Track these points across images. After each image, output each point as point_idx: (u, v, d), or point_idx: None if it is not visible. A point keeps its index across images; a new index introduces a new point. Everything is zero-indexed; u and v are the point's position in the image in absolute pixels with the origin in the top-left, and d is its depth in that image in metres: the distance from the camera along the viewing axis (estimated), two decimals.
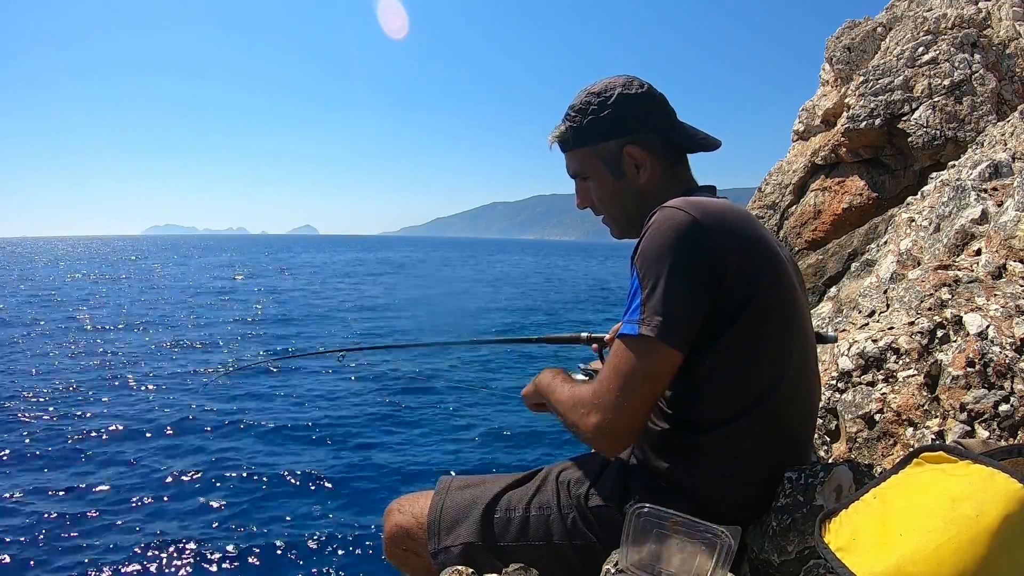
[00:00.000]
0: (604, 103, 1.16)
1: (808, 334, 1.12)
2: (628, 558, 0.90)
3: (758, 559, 1.02)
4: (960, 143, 3.42)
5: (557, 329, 1.74)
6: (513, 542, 1.15)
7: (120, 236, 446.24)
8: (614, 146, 1.17)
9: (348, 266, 48.67)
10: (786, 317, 1.05)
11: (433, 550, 1.18)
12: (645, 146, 1.16)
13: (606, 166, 1.19)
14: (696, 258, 0.97)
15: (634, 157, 1.16)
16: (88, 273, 38.63)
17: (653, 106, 1.18)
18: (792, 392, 1.06)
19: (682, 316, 0.96)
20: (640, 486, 1.09)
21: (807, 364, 1.11)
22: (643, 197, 1.16)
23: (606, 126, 1.17)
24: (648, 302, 0.97)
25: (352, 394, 9.22)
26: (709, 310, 0.99)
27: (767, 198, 4.68)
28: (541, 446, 7.17)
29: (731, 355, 1.01)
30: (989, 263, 1.59)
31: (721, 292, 0.98)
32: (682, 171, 1.21)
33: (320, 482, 6.09)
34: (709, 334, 1.00)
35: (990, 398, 1.19)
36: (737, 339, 1.00)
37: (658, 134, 1.18)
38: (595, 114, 1.17)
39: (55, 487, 5.81)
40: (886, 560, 0.68)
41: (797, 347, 1.07)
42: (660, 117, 1.19)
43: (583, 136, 1.19)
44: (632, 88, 1.17)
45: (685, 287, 0.97)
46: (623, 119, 1.16)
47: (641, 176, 1.17)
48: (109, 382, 9.78)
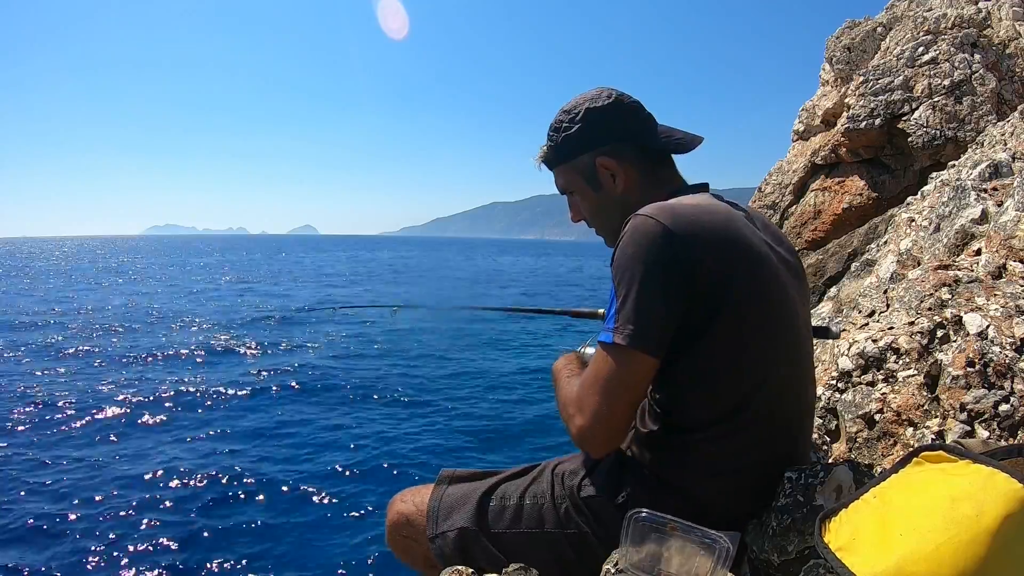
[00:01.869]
0: (573, 119, 1.22)
1: (800, 332, 1.11)
2: (628, 558, 0.90)
3: (758, 559, 1.02)
4: (960, 143, 3.42)
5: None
6: (506, 529, 1.18)
7: (120, 236, 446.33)
8: (587, 159, 1.22)
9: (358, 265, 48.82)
10: (771, 317, 1.05)
11: (431, 535, 1.23)
12: (616, 155, 1.21)
13: (584, 179, 1.24)
14: (665, 266, 0.99)
15: (607, 167, 1.21)
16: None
17: (621, 115, 1.22)
18: (781, 392, 1.06)
19: (654, 324, 0.99)
20: (633, 479, 1.11)
21: (798, 363, 1.11)
22: (624, 205, 1.18)
23: (577, 141, 1.22)
24: (621, 311, 1.00)
25: (353, 395, 9.23)
26: (683, 316, 1.00)
27: (767, 198, 4.68)
28: (544, 442, 7.19)
29: (711, 359, 1.02)
30: (989, 263, 1.59)
31: (694, 298, 0.99)
32: (665, 173, 1.23)
33: (323, 478, 6.11)
34: (687, 339, 1.02)
35: (990, 398, 1.19)
36: (716, 343, 1.01)
37: (630, 141, 1.21)
38: (567, 131, 1.22)
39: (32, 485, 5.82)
40: (886, 560, 0.68)
41: (785, 347, 1.07)
42: (630, 124, 1.22)
43: (560, 153, 1.25)
44: (599, 101, 1.21)
45: (656, 295, 0.99)
46: (592, 132, 1.21)
47: (617, 185, 1.21)
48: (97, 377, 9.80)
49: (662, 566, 0.88)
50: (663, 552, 0.89)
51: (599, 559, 1.06)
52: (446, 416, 8.22)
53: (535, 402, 8.94)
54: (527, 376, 10.49)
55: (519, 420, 8.06)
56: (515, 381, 10.14)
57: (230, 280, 33.31)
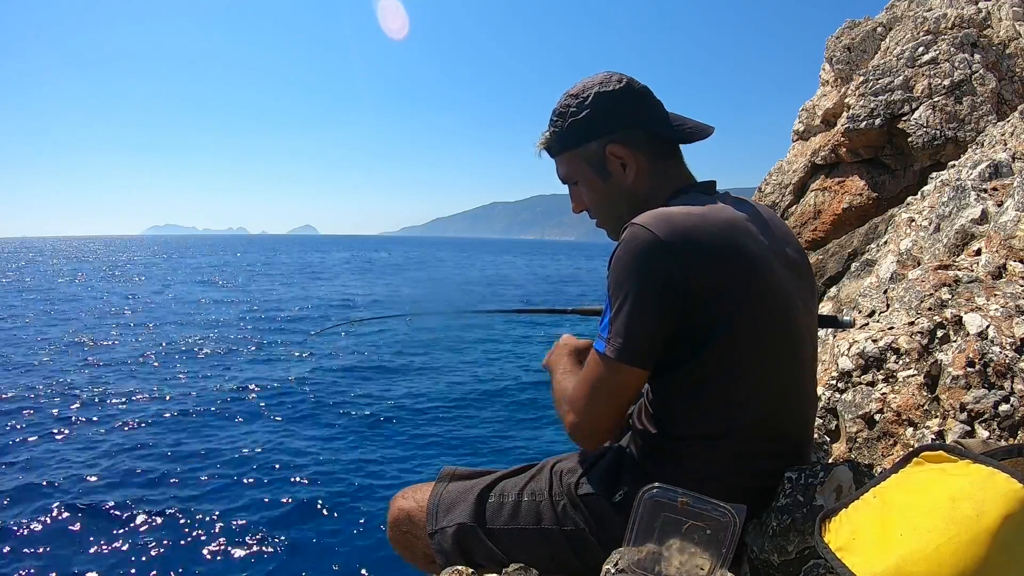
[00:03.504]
0: (582, 104, 1.14)
1: (801, 340, 1.09)
2: (628, 558, 0.90)
3: (758, 559, 1.02)
4: (960, 143, 3.42)
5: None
6: (504, 525, 1.19)
7: (120, 236, 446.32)
8: (596, 146, 1.15)
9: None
10: (768, 330, 1.03)
11: (430, 531, 1.23)
12: (628, 143, 1.13)
13: (592, 168, 1.17)
14: (656, 282, 0.97)
15: (618, 155, 1.14)
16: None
17: (633, 100, 1.14)
18: (780, 404, 1.06)
19: (643, 338, 0.99)
20: (630, 478, 1.11)
21: (798, 373, 1.09)
22: (633, 197, 1.15)
23: (586, 127, 1.14)
24: (614, 322, 1.00)
25: (355, 396, 9.22)
26: (675, 330, 0.99)
27: (767, 198, 4.67)
28: (545, 442, 7.20)
29: (704, 373, 1.02)
30: (989, 263, 1.59)
31: (687, 313, 0.98)
32: (673, 166, 1.18)
33: (325, 476, 6.13)
34: (681, 352, 1.01)
35: (990, 398, 1.19)
36: (710, 358, 1.00)
37: (642, 129, 1.14)
38: (574, 116, 1.14)
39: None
40: (886, 560, 0.68)
41: (784, 358, 1.06)
42: (642, 111, 1.15)
43: (566, 140, 1.17)
44: (610, 85, 1.13)
45: (646, 309, 0.98)
46: (602, 118, 1.13)
47: (628, 174, 1.14)
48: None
49: (662, 566, 0.88)
50: (663, 552, 0.89)
51: (596, 556, 1.07)
52: (448, 417, 8.22)
53: (536, 403, 8.94)
54: (532, 376, 10.50)
55: (520, 421, 8.06)
56: (518, 383, 10.15)
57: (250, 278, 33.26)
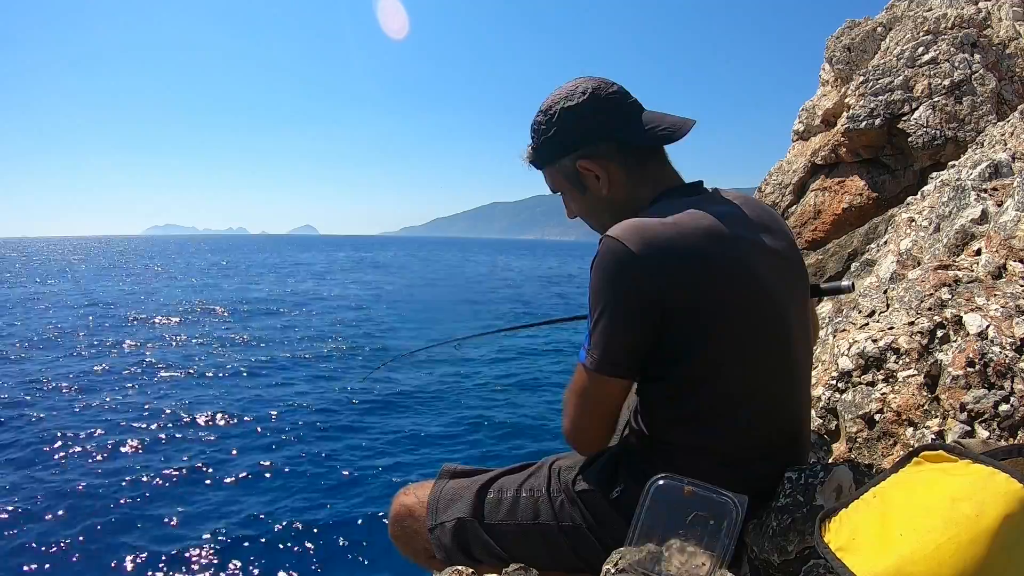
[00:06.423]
0: (550, 121, 1.14)
1: (792, 341, 1.07)
2: (629, 558, 0.90)
3: (758, 559, 1.02)
4: (960, 143, 3.42)
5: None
6: (502, 521, 1.20)
7: (120, 236, 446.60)
8: (568, 162, 1.15)
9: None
10: (752, 337, 1.02)
11: (430, 526, 1.25)
12: (597, 156, 1.13)
13: (570, 182, 1.18)
14: (631, 297, 0.98)
15: (589, 169, 1.14)
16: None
17: (599, 111, 1.12)
18: (770, 409, 1.06)
19: (620, 350, 1.00)
20: (627, 475, 1.12)
21: (788, 375, 1.08)
22: (612, 206, 1.15)
23: (555, 146, 1.15)
24: (592, 334, 1.02)
25: (356, 396, 9.22)
26: (654, 340, 1.00)
27: (767, 198, 4.68)
28: (548, 439, 7.21)
29: (686, 384, 1.03)
30: (989, 263, 1.59)
31: (664, 325, 0.99)
32: (654, 169, 1.15)
33: (327, 476, 6.15)
34: (662, 363, 1.02)
35: (990, 398, 1.19)
36: (691, 369, 1.01)
37: (612, 140, 1.13)
38: (545, 134, 1.15)
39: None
40: (886, 560, 0.68)
41: (773, 362, 1.05)
42: (611, 121, 1.13)
43: (541, 157, 1.20)
44: (574, 99, 1.12)
45: (621, 323, 0.99)
46: (569, 134, 1.13)
47: (602, 186, 1.14)
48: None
49: (663, 566, 0.88)
50: (664, 551, 0.89)
51: (593, 551, 1.08)
52: (450, 418, 8.23)
53: (537, 403, 8.95)
54: (533, 376, 10.51)
55: (522, 421, 8.06)
56: (521, 383, 10.16)
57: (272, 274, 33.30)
